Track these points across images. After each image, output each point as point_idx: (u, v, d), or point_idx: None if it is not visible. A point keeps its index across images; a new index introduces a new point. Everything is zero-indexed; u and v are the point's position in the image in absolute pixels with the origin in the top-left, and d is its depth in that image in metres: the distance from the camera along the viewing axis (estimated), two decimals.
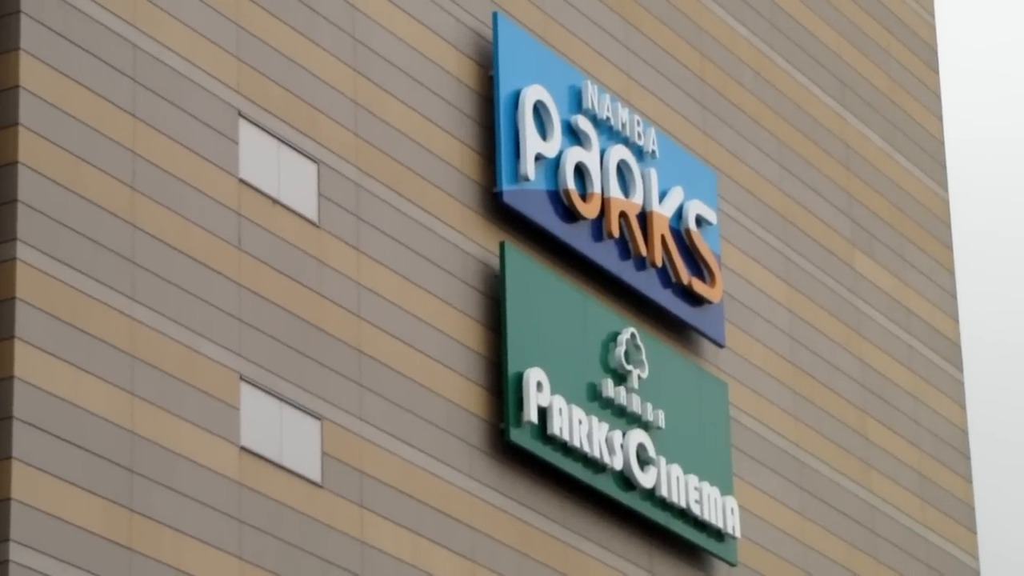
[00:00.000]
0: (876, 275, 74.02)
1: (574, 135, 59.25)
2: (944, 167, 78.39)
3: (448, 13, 57.87)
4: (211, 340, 48.51)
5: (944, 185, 77.78)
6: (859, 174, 74.32)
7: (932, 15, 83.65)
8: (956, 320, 76.94)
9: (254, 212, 51.38)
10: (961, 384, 77.72)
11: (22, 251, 43.39)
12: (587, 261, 59.61)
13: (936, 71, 78.42)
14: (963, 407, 77.45)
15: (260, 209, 51.85)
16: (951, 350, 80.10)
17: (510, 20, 58.78)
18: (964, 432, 76.64)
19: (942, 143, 78.69)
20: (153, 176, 48.18)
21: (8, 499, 41.64)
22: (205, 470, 47.26)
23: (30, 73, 45.39)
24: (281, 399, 50.24)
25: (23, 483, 42.21)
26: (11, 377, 42.43)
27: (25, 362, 42.89)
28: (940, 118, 78.14)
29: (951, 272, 78.54)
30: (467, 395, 55.60)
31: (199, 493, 47.14)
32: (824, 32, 74.98)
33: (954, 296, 77.02)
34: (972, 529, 74.48)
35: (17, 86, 45.17)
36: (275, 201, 52.24)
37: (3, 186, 44.29)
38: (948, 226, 78.39)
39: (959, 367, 77.68)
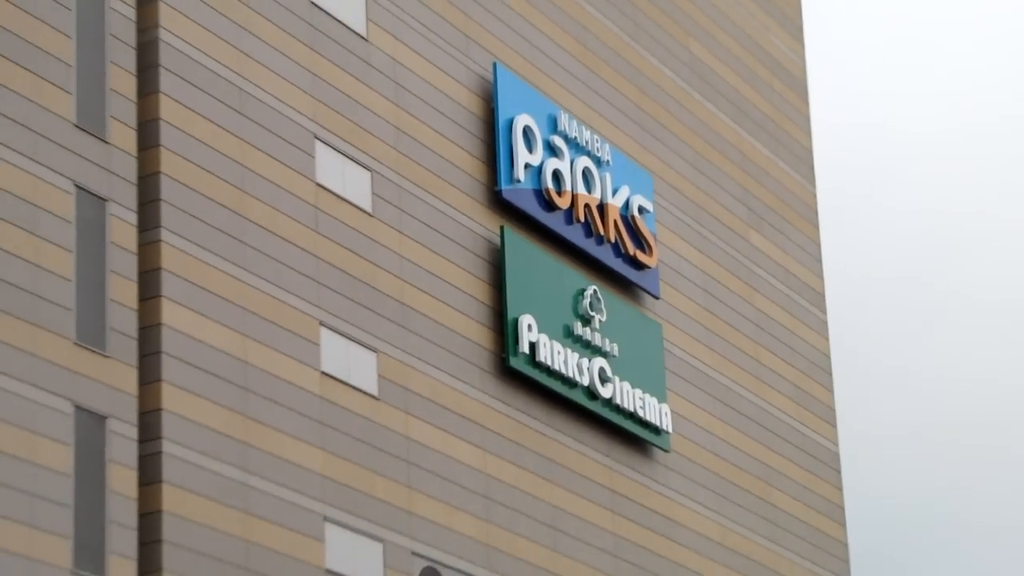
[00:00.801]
0: (765, 246, 74.09)
1: (551, 150, 59.47)
2: (812, 170, 79.27)
3: (461, 64, 58.30)
4: (299, 296, 49.82)
5: (813, 183, 78.20)
6: (752, 175, 74.42)
7: (804, 73, 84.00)
8: (821, 278, 77.68)
9: (326, 206, 52.12)
10: (825, 323, 78.08)
11: (165, 235, 45.07)
12: (562, 239, 59.96)
13: (806, 102, 78.93)
14: (827, 339, 77.30)
15: (330, 203, 52.75)
16: (817, 299, 78.46)
17: (505, 68, 59.16)
18: (828, 356, 76.74)
19: (811, 152, 79.37)
20: (256, 181, 49.12)
21: (159, 409, 43.53)
22: (296, 387, 48.67)
23: (168, 109, 46.37)
24: (348, 337, 51.49)
25: (171, 399, 43.71)
26: (159, 324, 44.26)
27: (170, 313, 44.70)
28: (810, 134, 79.13)
29: (817, 244, 77.64)
30: (478, 333, 56.49)
31: (293, 404, 48.50)
32: (727, 73, 74.80)
33: (820, 261, 77.81)
34: (833, 424, 74.23)
35: (158, 118, 46.46)
36: (340, 197, 53.12)
37: (150, 188, 45.44)
38: (815, 212, 77.88)
39: (824, 311, 76.43)
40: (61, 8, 44.77)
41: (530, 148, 58.55)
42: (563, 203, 59.49)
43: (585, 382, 58.68)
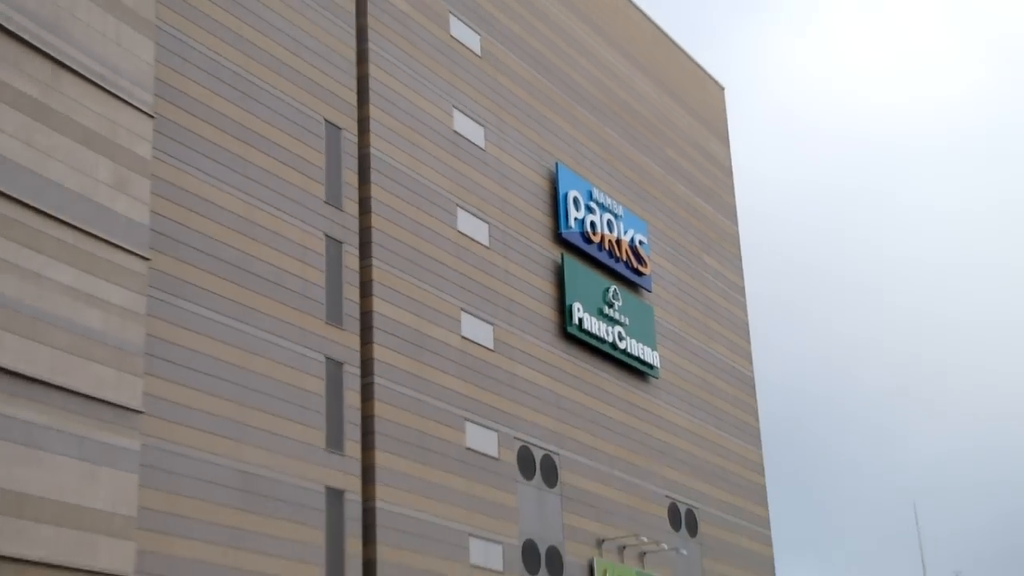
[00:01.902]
0: (711, 262, 74.96)
1: (589, 209, 60.31)
2: (736, 215, 78.88)
3: (541, 162, 58.61)
4: (441, 289, 51.54)
5: (735, 221, 77.98)
6: (702, 222, 74.76)
7: (728, 154, 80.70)
8: (742, 277, 77.56)
9: (465, 244, 54.92)
10: (743, 290, 76.84)
11: (376, 263, 47.52)
12: (595, 259, 60.32)
13: (731, 179, 79.03)
14: (744, 305, 77.27)
15: (468, 243, 54.31)
16: (740, 293, 78.23)
17: (563, 165, 59.72)
18: (747, 323, 76.80)
19: (735, 208, 79.01)
20: (426, 232, 51.49)
21: (372, 359, 46.09)
22: (450, 346, 50.95)
23: (377, 193, 48.86)
24: (478, 318, 52.84)
25: (379, 352, 46.56)
26: (371, 311, 46.74)
27: (378, 304, 47.32)
28: (734, 194, 78.74)
29: (739, 260, 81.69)
30: (551, 314, 57.18)
31: (453, 356, 50.81)
32: (689, 167, 74.54)
33: (741, 266, 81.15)
34: (750, 360, 76.12)
35: (370, 196, 48.57)
36: (472, 239, 53.87)
37: (366, 236, 47.37)
38: (738, 241, 78.23)
39: (743, 297, 79.90)
40: (314, 136, 46.22)
41: (577, 208, 59.51)
42: (596, 239, 60.22)
43: (610, 339, 59.55)
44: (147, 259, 35.31)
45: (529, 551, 51.36)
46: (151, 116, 36.25)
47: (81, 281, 32.82)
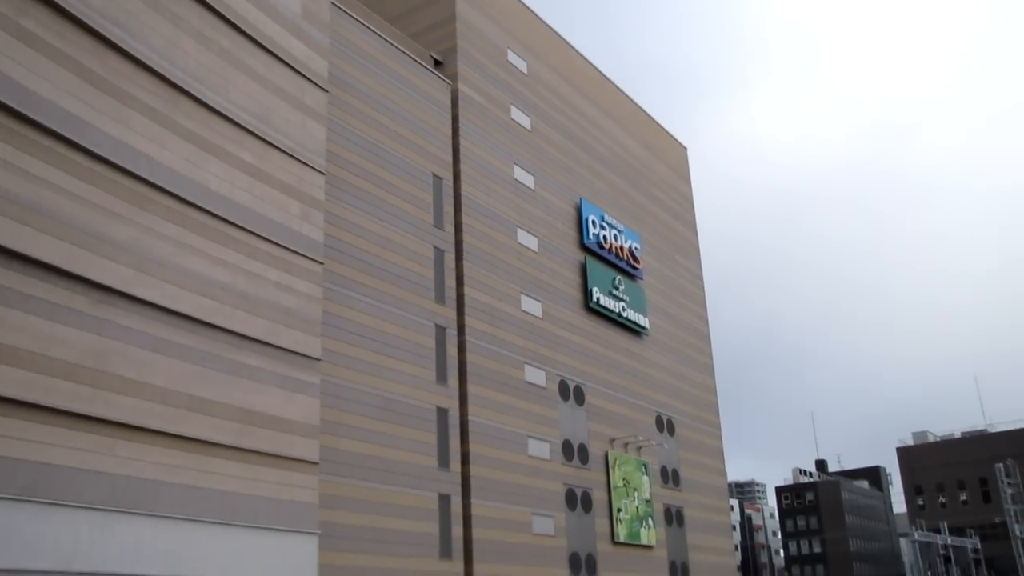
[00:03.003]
0: (682, 261, 72.38)
1: (602, 227, 59.06)
2: (696, 228, 77.61)
3: (569, 197, 57.31)
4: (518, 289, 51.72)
5: (696, 233, 74.38)
6: (675, 233, 71.59)
7: (690, 190, 77.02)
8: (700, 268, 76.79)
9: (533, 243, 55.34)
10: (701, 277, 75.72)
11: (467, 267, 46.98)
12: (607, 259, 59.07)
13: (692, 206, 75.17)
14: (703, 287, 75.42)
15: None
16: (700, 287, 76.66)
17: (585, 199, 58.45)
18: (705, 312, 75.01)
19: (696, 226, 77.89)
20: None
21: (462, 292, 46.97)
22: (516, 313, 51.24)
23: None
24: (532, 298, 51.34)
25: (470, 321, 46.22)
26: (463, 295, 45.45)
27: (468, 294, 47.67)
28: (694, 212, 78.21)
29: (698, 252, 78.44)
30: (578, 293, 55.91)
31: (519, 321, 51.41)
32: (674, 198, 71.78)
33: (700, 261, 77.62)
34: (706, 323, 74.28)
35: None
36: (528, 249, 52.90)
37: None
38: (697, 245, 75.52)
39: (702, 290, 77.31)
40: (425, 184, 45.88)
41: (594, 227, 58.32)
42: (606, 246, 59.12)
43: (617, 310, 58.66)
44: (321, 263, 35.64)
45: (566, 446, 51.19)
46: (323, 173, 36.70)
47: (282, 278, 33.41)
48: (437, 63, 50.27)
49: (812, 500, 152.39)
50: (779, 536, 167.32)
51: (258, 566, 29.50)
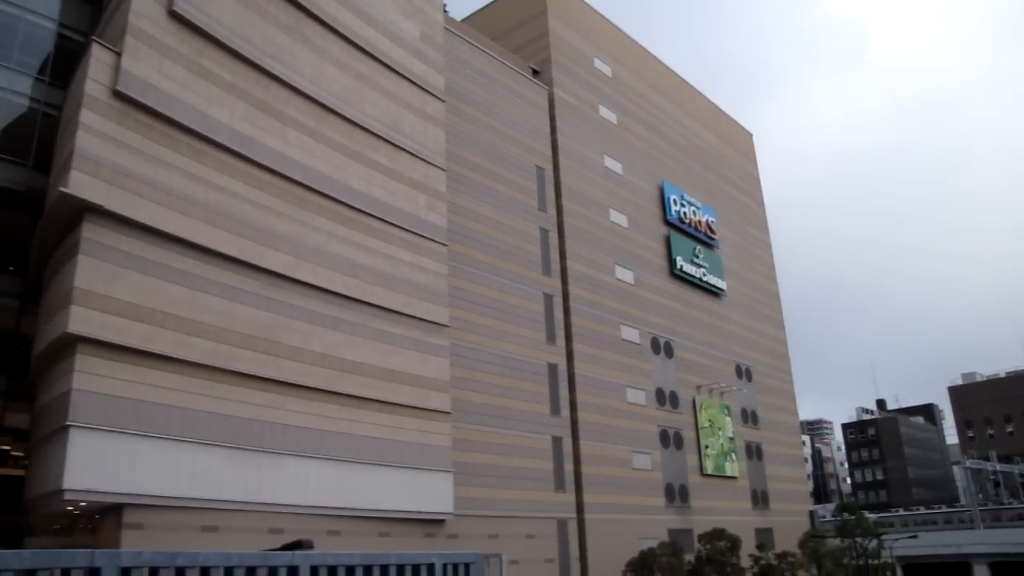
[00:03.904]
0: (755, 233, 68.33)
1: (682, 205, 56.95)
2: (763, 203, 76.10)
3: (653, 181, 55.03)
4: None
5: (763, 207, 73.84)
6: (744, 212, 67.85)
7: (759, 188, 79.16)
8: (770, 248, 73.47)
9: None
10: (769, 245, 73.59)
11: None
12: (688, 231, 56.92)
13: (759, 184, 75.78)
14: (771, 252, 72.14)
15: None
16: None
17: (667, 181, 56.52)
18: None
19: (763, 206, 76.68)
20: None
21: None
22: (610, 283, 49.25)
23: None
24: (627, 268, 49.47)
25: (573, 290, 45.36)
26: (566, 267, 44.36)
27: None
28: (763, 205, 75.80)
29: (767, 234, 73.68)
30: (664, 262, 53.92)
31: (613, 287, 49.88)
32: (748, 177, 70.14)
33: (767, 232, 72.46)
34: (776, 283, 71.09)
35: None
36: (617, 223, 53.89)
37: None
38: (765, 217, 74.07)
39: (771, 256, 73.24)
40: (529, 174, 44.21)
41: (675, 205, 56.53)
42: (687, 221, 57.34)
43: (698, 276, 56.94)
44: (446, 245, 35.48)
45: (659, 394, 50.28)
46: (444, 170, 36.44)
47: (414, 258, 33.33)
48: (535, 72, 49.71)
49: (874, 434, 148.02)
50: (845, 466, 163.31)
51: (404, 498, 29.90)
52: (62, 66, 27.31)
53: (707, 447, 53.20)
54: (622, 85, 56.85)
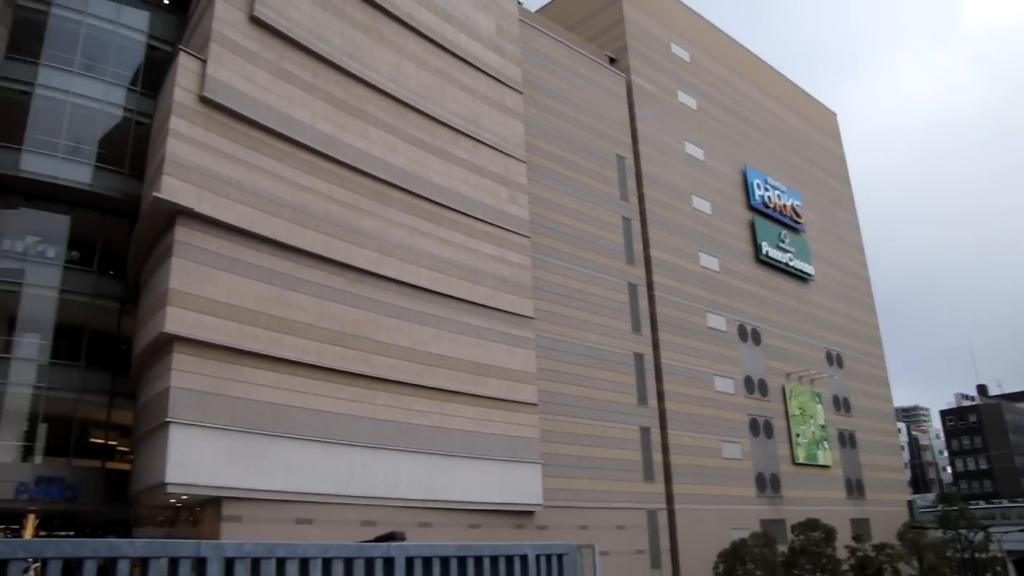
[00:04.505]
0: (839, 216, 66.84)
1: (766, 189, 55.71)
2: (850, 183, 74.01)
3: (735, 166, 53.87)
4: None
5: (849, 187, 72.72)
6: (827, 198, 66.79)
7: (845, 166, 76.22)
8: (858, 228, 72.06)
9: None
10: (858, 227, 70.26)
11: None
12: (773, 217, 55.65)
13: (845, 164, 73.82)
14: (860, 235, 70.67)
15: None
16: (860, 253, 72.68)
17: (751, 166, 55.32)
18: (860, 239, 71.39)
19: (850, 184, 74.59)
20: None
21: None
22: (692, 269, 49.22)
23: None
24: (711, 255, 48.05)
25: (657, 278, 45.25)
26: (650, 256, 44.79)
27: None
28: (849, 183, 73.85)
29: (856, 218, 72.50)
30: (749, 248, 52.57)
31: (692, 275, 49.31)
32: (826, 159, 68.82)
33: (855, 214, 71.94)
34: (865, 266, 68.40)
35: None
36: (704, 215, 52.76)
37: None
38: (852, 198, 73.00)
39: (864, 255, 70.88)
40: (610, 163, 43.66)
41: (759, 189, 55.27)
42: (771, 205, 56.01)
43: (784, 261, 55.57)
44: (528, 237, 35.20)
45: (747, 382, 49.15)
46: (524, 162, 36.14)
47: (498, 251, 33.16)
48: (612, 60, 48.92)
49: (975, 421, 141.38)
50: (945, 455, 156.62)
51: (493, 490, 29.80)
52: (152, 76, 28.20)
53: (798, 435, 51.70)
54: (701, 69, 55.64)
